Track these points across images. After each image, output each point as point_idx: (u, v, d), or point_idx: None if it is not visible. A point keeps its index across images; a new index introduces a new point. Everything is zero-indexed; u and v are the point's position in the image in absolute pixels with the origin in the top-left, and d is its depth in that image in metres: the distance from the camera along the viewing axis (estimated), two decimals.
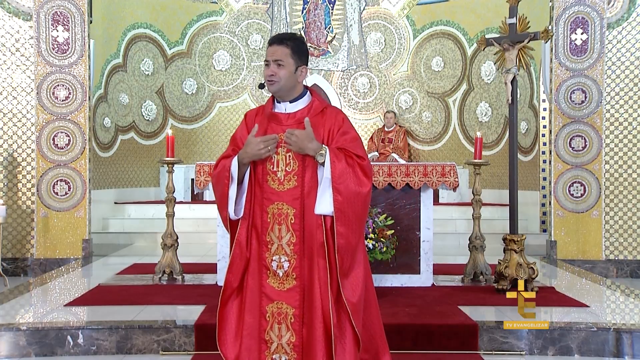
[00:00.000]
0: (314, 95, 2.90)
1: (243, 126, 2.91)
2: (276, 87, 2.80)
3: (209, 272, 5.98)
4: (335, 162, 2.70)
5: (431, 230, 5.54)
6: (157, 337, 4.21)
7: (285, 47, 2.79)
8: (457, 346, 4.20)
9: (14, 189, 7.29)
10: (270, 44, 2.82)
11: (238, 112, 10.98)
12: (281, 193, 2.77)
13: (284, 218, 2.77)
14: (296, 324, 2.74)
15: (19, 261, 7.26)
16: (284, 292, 2.76)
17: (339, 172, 2.70)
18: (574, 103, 7.36)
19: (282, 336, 2.76)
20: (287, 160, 2.78)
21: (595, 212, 7.37)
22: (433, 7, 10.62)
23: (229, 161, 2.80)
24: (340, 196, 2.70)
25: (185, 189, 9.77)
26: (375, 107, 11.09)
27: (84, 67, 7.32)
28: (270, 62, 2.78)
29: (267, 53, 2.82)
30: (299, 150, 2.73)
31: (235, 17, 10.85)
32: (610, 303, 5.33)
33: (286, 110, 2.86)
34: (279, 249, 2.78)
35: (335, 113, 2.87)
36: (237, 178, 2.78)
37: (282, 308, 2.76)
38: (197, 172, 5.51)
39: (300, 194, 2.76)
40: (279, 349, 2.76)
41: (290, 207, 2.76)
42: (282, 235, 2.77)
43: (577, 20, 7.35)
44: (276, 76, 2.77)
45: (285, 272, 2.77)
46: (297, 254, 2.76)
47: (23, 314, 4.76)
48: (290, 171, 2.78)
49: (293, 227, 2.76)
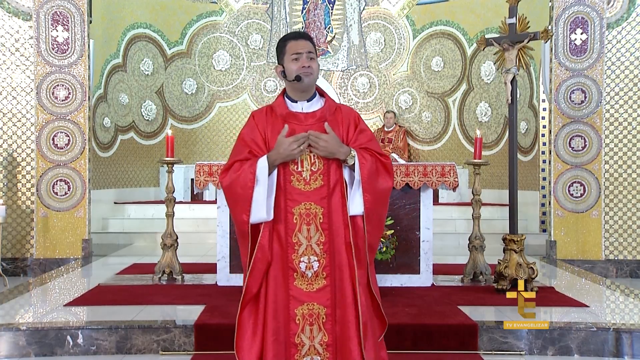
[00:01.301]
0: (325, 95, 2.90)
1: (253, 127, 2.84)
2: (311, 80, 2.78)
3: (208, 272, 5.98)
4: (364, 164, 2.73)
5: (431, 230, 5.53)
6: (157, 337, 4.21)
7: (311, 43, 2.82)
8: (456, 346, 4.20)
9: (14, 189, 7.29)
10: (297, 38, 2.80)
11: (238, 112, 10.98)
12: (308, 193, 2.76)
13: (312, 218, 2.76)
14: (328, 324, 2.74)
15: (18, 261, 7.26)
16: (314, 293, 2.75)
17: (368, 173, 2.73)
18: (573, 103, 7.36)
19: (314, 337, 2.74)
20: (311, 159, 2.76)
21: (594, 212, 7.37)
22: (433, 7, 10.62)
23: (252, 163, 2.72)
24: (370, 196, 2.74)
25: (185, 189, 9.78)
26: (375, 107, 11.09)
27: (84, 67, 7.32)
28: (304, 54, 2.75)
29: (294, 47, 2.78)
30: (328, 155, 2.72)
31: (235, 17, 10.85)
32: (609, 303, 5.33)
33: (303, 109, 2.83)
34: (308, 250, 2.76)
35: (348, 110, 2.88)
36: (265, 180, 2.70)
37: (314, 309, 2.74)
38: (197, 172, 5.51)
39: (327, 193, 2.76)
40: (311, 350, 2.74)
41: (318, 206, 2.76)
42: (312, 235, 2.75)
43: (577, 20, 7.36)
44: (311, 68, 2.76)
45: (314, 272, 2.75)
46: (326, 253, 2.75)
47: (23, 314, 4.76)
48: (315, 170, 2.76)
49: (322, 226, 2.75)
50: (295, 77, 2.75)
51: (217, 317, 4.41)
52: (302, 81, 2.75)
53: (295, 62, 2.76)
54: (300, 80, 2.75)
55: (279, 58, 2.86)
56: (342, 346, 2.73)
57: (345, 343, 2.72)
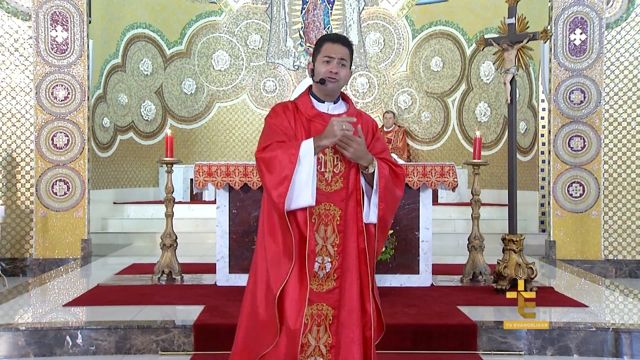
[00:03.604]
0: (348, 100, 2.92)
1: (282, 116, 2.79)
2: (336, 86, 2.78)
3: (208, 272, 5.98)
4: (383, 174, 2.75)
5: (430, 230, 5.53)
6: (156, 337, 4.21)
7: (348, 48, 2.80)
8: (456, 346, 4.20)
9: (13, 189, 7.28)
10: (334, 42, 2.79)
11: (237, 112, 10.98)
12: (329, 194, 2.77)
13: (330, 219, 2.77)
14: (334, 326, 2.74)
15: (17, 261, 7.25)
16: (324, 294, 2.75)
17: (385, 183, 2.75)
18: (573, 103, 7.37)
19: (320, 338, 2.74)
20: (334, 161, 2.77)
21: (594, 212, 7.38)
22: (432, 7, 10.63)
23: (293, 143, 2.66)
24: (384, 205, 2.76)
25: (184, 189, 9.78)
26: (374, 107, 11.09)
27: (83, 67, 7.32)
28: (336, 59, 2.75)
29: (328, 50, 2.77)
30: (355, 159, 2.72)
31: (235, 17, 10.85)
32: (609, 303, 5.33)
33: (329, 111, 2.84)
34: (323, 250, 2.76)
35: (367, 117, 2.93)
36: (309, 161, 2.63)
37: (323, 310, 2.75)
38: (196, 172, 5.51)
39: (346, 195, 2.78)
40: (315, 351, 2.74)
41: (337, 208, 2.77)
42: (328, 236, 2.76)
43: (576, 21, 7.36)
44: (338, 75, 2.76)
45: (326, 273, 2.76)
46: (340, 255, 2.76)
47: (22, 314, 4.75)
48: (337, 172, 2.78)
49: (338, 228, 2.77)
50: (320, 80, 2.75)
51: (216, 317, 4.41)
52: (325, 85, 2.76)
53: (325, 65, 2.76)
54: (324, 84, 2.75)
55: (313, 55, 2.86)
56: (344, 349, 2.74)
57: (348, 346, 2.73)
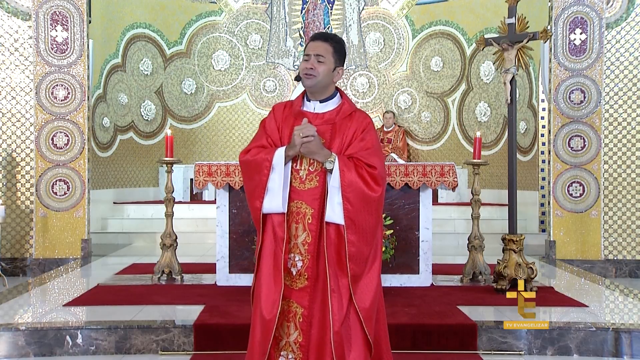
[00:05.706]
0: (344, 98, 2.89)
1: (271, 118, 2.89)
2: (312, 82, 2.78)
3: (208, 272, 5.98)
4: (344, 172, 2.70)
5: (430, 230, 5.53)
6: (156, 337, 4.21)
7: (328, 44, 2.80)
8: (456, 346, 4.20)
9: (13, 189, 7.28)
10: (313, 40, 2.82)
11: (237, 112, 10.98)
12: (302, 192, 2.76)
13: (301, 217, 2.76)
14: (304, 324, 2.73)
15: (17, 261, 7.25)
16: (295, 291, 2.75)
17: (348, 182, 2.69)
18: (572, 103, 7.36)
19: (290, 334, 2.75)
20: (310, 159, 2.77)
21: (594, 212, 7.37)
22: (432, 7, 10.62)
23: (270, 151, 2.77)
24: (350, 205, 2.69)
25: (184, 189, 9.78)
26: (374, 107, 11.09)
27: (83, 67, 7.32)
28: (311, 56, 2.77)
29: (308, 48, 2.81)
30: (308, 154, 2.73)
31: (234, 17, 10.85)
32: (609, 303, 5.33)
33: (315, 109, 2.85)
34: (294, 248, 2.77)
35: (362, 117, 2.85)
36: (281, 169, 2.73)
37: (292, 307, 2.75)
38: (196, 172, 5.51)
39: (320, 194, 2.75)
40: (287, 346, 2.75)
41: (309, 206, 2.75)
42: (298, 234, 2.76)
43: (576, 20, 7.36)
44: (315, 70, 2.76)
45: (298, 271, 2.75)
46: (310, 254, 2.74)
47: (22, 314, 4.76)
48: (312, 171, 2.77)
49: (309, 227, 2.75)
50: (296, 77, 2.83)
51: (216, 317, 4.41)
52: (302, 82, 2.78)
53: (304, 63, 2.79)
54: (300, 81, 2.78)
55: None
56: (315, 351, 2.72)
57: (321, 348, 2.71)
